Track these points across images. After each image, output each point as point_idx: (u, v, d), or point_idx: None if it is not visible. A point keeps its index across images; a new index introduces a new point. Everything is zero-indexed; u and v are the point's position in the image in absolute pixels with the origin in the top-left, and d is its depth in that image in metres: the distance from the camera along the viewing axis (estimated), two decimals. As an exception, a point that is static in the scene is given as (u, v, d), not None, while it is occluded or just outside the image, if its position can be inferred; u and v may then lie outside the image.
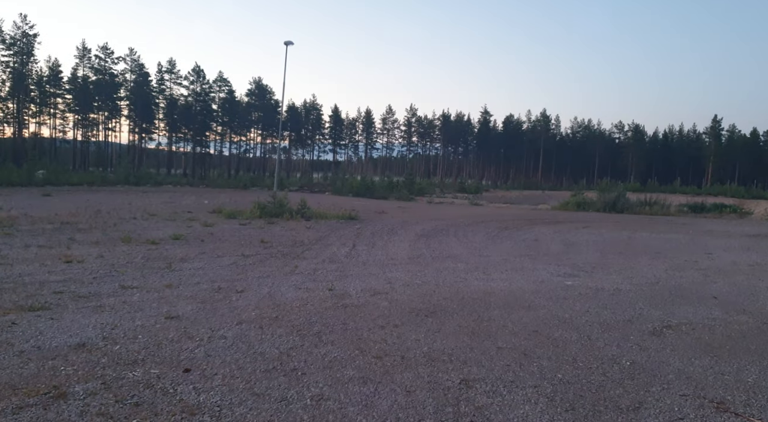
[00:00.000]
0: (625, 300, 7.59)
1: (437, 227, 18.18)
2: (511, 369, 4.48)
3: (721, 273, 10.61)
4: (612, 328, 6.02)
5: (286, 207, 19.68)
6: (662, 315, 6.79)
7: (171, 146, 78.09)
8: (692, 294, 8.30)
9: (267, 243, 12.40)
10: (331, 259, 10.57)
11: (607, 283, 8.94)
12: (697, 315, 6.88)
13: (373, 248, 12.64)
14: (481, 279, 8.95)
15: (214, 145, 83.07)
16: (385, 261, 10.75)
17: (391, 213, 23.91)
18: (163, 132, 75.43)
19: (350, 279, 8.41)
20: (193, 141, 77.17)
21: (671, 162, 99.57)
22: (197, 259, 9.73)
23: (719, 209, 31.32)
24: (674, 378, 4.48)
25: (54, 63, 63.15)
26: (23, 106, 61.80)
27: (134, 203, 22.92)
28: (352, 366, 4.37)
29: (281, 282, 7.83)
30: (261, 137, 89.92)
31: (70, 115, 66.97)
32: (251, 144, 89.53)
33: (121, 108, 70.67)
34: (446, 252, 12.33)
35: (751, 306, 7.59)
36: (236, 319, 5.61)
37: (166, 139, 76.51)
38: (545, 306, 7.01)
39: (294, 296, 6.93)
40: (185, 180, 47.39)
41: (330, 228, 16.49)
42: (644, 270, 10.69)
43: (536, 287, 8.41)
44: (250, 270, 8.86)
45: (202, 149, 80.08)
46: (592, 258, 12.14)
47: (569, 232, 17.94)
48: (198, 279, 7.76)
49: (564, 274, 9.81)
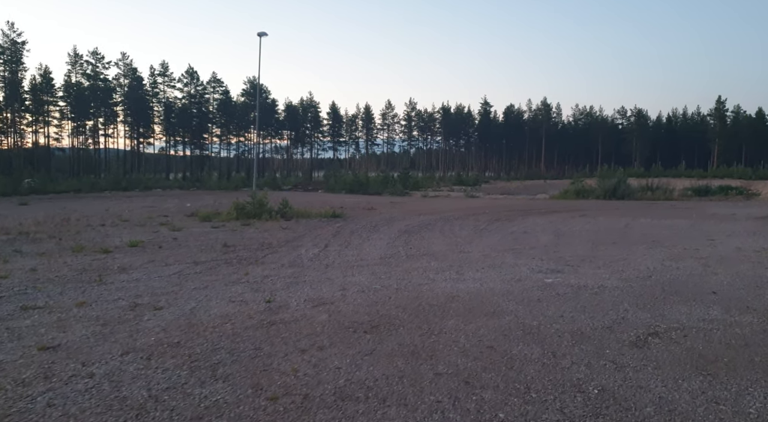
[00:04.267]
0: (609, 301, 6.56)
1: (424, 222, 17.19)
2: (441, 409, 3.47)
3: (724, 262, 9.56)
4: (586, 339, 5.00)
5: (266, 207, 18.69)
6: (650, 318, 5.77)
7: (168, 150, 77.26)
8: (688, 289, 7.26)
9: (230, 248, 11.44)
10: (292, 263, 9.60)
11: (593, 279, 7.92)
12: (691, 316, 5.85)
13: (346, 248, 11.67)
14: (451, 280, 7.95)
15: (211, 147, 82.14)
16: (353, 262, 9.78)
17: (380, 210, 22.92)
18: (160, 135, 74.58)
19: (300, 286, 7.43)
20: (191, 144, 76.26)
21: (676, 146, 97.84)
22: (140, 269, 8.78)
23: (725, 191, 30.11)
24: (653, 413, 3.46)
25: (45, 70, 62.32)
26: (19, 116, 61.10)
27: (112, 209, 22.03)
28: (232, 414, 3.38)
29: (216, 295, 6.86)
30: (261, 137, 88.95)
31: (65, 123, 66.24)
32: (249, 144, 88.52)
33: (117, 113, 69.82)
34: (424, 250, 11.34)
35: (756, 302, 6.55)
36: (126, 347, 4.63)
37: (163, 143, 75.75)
38: (513, 312, 6.00)
39: (219, 312, 5.95)
40: (177, 183, 46.50)
41: (308, 228, 15.54)
42: (638, 261, 9.65)
43: (510, 287, 7.40)
44: (191, 280, 7.90)
45: (201, 151, 79.17)
46: (581, 250, 11.11)
47: (563, 222, 16.90)
48: (121, 295, 6.80)
49: (546, 270, 8.79)
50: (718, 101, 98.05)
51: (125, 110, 69.60)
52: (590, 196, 29.14)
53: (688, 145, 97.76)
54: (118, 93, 68.72)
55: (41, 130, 63.78)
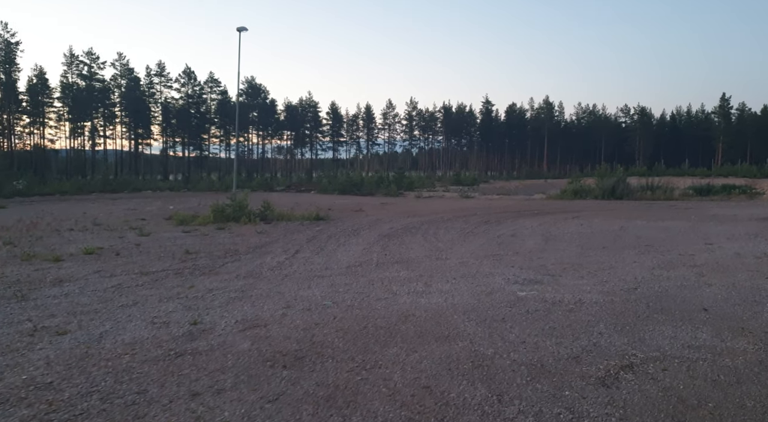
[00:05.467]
0: (584, 320, 5.73)
1: (409, 225, 16.38)
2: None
3: (720, 270, 8.70)
4: (545, 374, 4.18)
5: (246, 210, 17.91)
6: (626, 344, 4.94)
7: (167, 151, 76.56)
8: (677, 305, 6.42)
9: (191, 255, 10.67)
10: (248, 273, 8.81)
11: (571, 293, 7.08)
12: (675, 341, 5.02)
13: (316, 255, 10.88)
14: (415, 294, 7.14)
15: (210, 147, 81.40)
16: (316, 272, 8.98)
17: (368, 211, 22.13)
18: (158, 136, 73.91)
19: (241, 303, 6.63)
20: (191, 144, 75.56)
21: (680, 144, 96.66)
22: (78, 281, 8.00)
23: (727, 191, 29.11)
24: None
25: (40, 71, 61.75)
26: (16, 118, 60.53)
27: (91, 212, 21.30)
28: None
29: (141, 314, 6.07)
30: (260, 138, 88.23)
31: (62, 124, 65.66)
32: (248, 145, 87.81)
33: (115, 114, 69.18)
34: (398, 257, 10.54)
35: (753, 321, 5.70)
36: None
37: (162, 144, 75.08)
38: (469, 336, 5.18)
39: (129, 338, 5.15)
40: (168, 184, 45.74)
41: (285, 232, 14.77)
42: (626, 270, 8.81)
43: (477, 302, 6.57)
44: (125, 295, 7.10)
45: (200, 152, 78.47)
46: (568, 257, 10.28)
47: (555, 224, 16.05)
48: (33, 314, 6.01)
49: (523, 281, 7.96)
50: (723, 98, 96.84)
51: (122, 111, 69.01)
52: (588, 196, 28.25)
53: (692, 144, 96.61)
54: (116, 93, 68.14)
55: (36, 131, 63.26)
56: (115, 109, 68.64)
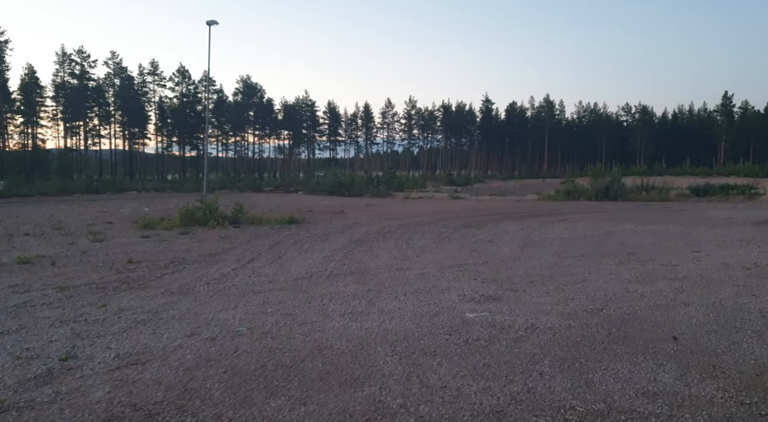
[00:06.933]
0: (528, 354, 4.82)
1: (385, 229, 15.51)
2: None
3: (702, 284, 7.79)
4: (450, 440, 3.28)
5: (216, 213, 17.05)
6: (569, 389, 4.03)
7: (162, 150, 75.79)
8: (643, 331, 5.51)
9: (132, 265, 9.82)
10: (180, 288, 7.94)
11: (527, 315, 6.17)
12: (629, 386, 4.11)
13: (270, 264, 10.03)
14: (351, 315, 6.26)
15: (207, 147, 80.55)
16: (257, 286, 8.12)
17: (349, 213, 21.26)
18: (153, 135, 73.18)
19: (143, 329, 5.74)
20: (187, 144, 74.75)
21: (682, 143, 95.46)
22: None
23: (725, 191, 28.10)
24: None
25: (30, 69, 61.01)
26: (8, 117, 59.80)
27: (58, 215, 20.50)
28: None
29: (15, 344, 5.20)
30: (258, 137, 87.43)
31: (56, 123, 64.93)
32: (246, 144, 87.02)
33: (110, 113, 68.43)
34: (357, 267, 9.68)
35: (728, 355, 4.79)
36: None
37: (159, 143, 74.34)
38: (382, 378, 4.28)
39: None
40: (153, 185, 44.87)
41: (251, 237, 13.96)
42: (598, 284, 7.90)
43: (413, 328, 5.68)
44: (18, 317, 6.23)
45: (197, 152, 77.68)
46: (540, 267, 9.38)
47: (538, 228, 15.14)
48: None
49: (480, 298, 7.06)
50: (725, 97, 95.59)
51: (116, 110, 68.25)
52: (581, 196, 27.31)
53: (694, 142, 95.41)
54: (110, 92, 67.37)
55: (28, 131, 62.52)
56: (110, 108, 67.89)
